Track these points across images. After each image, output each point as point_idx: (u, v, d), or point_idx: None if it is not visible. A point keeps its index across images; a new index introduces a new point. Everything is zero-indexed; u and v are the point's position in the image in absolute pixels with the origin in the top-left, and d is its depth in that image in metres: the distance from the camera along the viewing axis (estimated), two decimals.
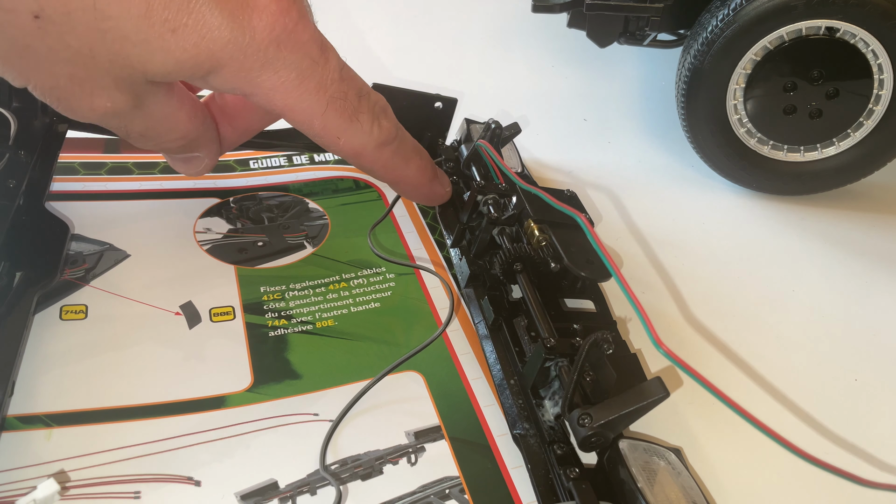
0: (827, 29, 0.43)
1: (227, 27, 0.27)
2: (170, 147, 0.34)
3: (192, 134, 0.33)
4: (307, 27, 0.29)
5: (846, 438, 0.35)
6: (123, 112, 0.29)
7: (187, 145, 0.34)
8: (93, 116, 0.29)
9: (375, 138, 0.34)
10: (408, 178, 0.37)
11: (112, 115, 0.29)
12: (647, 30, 0.51)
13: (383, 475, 0.31)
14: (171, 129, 0.32)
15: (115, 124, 0.30)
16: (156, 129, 0.31)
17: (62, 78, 0.27)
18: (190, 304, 0.38)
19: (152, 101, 0.30)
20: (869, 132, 0.46)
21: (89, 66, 0.26)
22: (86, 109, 0.28)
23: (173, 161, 0.36)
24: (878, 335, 0.41)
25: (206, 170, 0.36)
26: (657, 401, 0.28)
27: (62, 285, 0.38)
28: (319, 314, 0.39)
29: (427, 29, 0.72)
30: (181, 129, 0.32)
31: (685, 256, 0.46)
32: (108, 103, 0.28)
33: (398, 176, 0.37)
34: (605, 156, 0.55)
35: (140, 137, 0.32)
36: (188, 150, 0.35)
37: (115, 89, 0.28)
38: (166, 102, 0.30)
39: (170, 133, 0.32)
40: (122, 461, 0.31)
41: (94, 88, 0.27)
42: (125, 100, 0.28)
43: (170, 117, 0.31)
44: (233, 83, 0.29)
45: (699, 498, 0.29)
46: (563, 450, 0.30)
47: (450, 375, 0.36)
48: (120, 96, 0.28)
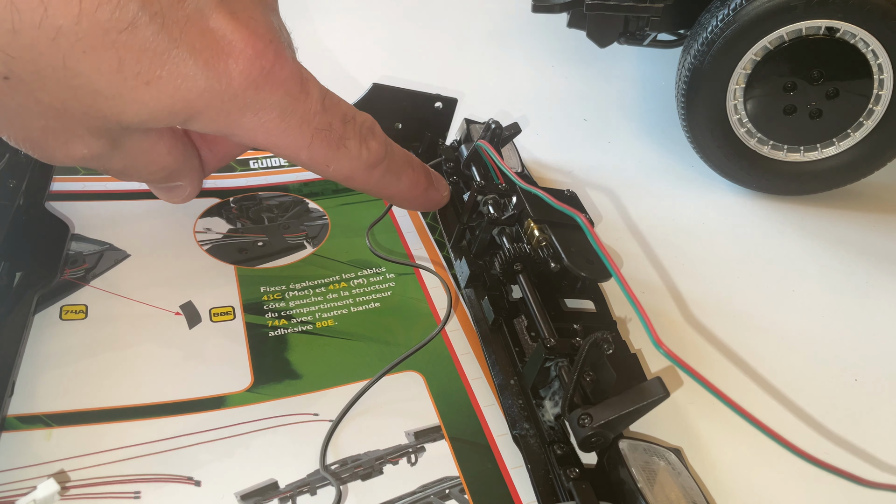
0: (827, 29, 0.43)
1: (202, 76, 0.26)
2: (151, 179, 0.33)
3: (172, 166, 0.33)
4: (285, 64, 0.29)
5: (846, 438, 0.35)
6: (101, 156, 0.29)
7: (169, 176, 0.34)
8: (70, 162, 0.29)
9: (364, 161, 0.34)
10: (401, 193, 0.37)
11: (89, 158, 0.29)
12: (647, 30, 0.51)
13: (383, 475, 0.31)
14: (150, 162, 0.32)
15: (93, 165, 0.30)
16: (135, 165, 0.31)
17: (35, 130, 0.27)
18: (190, 303, 0.38)
19: (129, 142, 0.30)
20: (869, 132, 0.46)
21: (62, 119, 0.26)
22: (62, 157, 0.28)
23: (156, 190, 0.36)
24: (878, 335, 0.41)
25: (189, 198, 0.36)
26: (657, 401, 0.28)
27: (62, 285, 0.38)
28: (319, 314, 0.39)
29: (427, 29, 0.72)
30: (160, 163, 0.32)
31: (685, 256, 0.46)
32: (84, 150, 0.28)
33: (391, 192, 0.37)
34: (605, 156, 0.55)
35: (120, 174, 0.32)
36: (170, 181, 0.34)
37: (90, 136, 0.28)
38: (144, 140, 0.30)
39: (150, 166, 0.32)
40: (122, 461, 0.31)
41: (68, 138, 0.27)
42: (101, 145, 0.28)
43: (148, 152, 0.31)
44: (212, 127, 0.29)
45: (699, 498, 0.29)
46: (563, 450, 0.30)
47: (450, 375, 0.36)
48: (95, 142, 0.28)
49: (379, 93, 0.44)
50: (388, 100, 0.45)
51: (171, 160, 0.33)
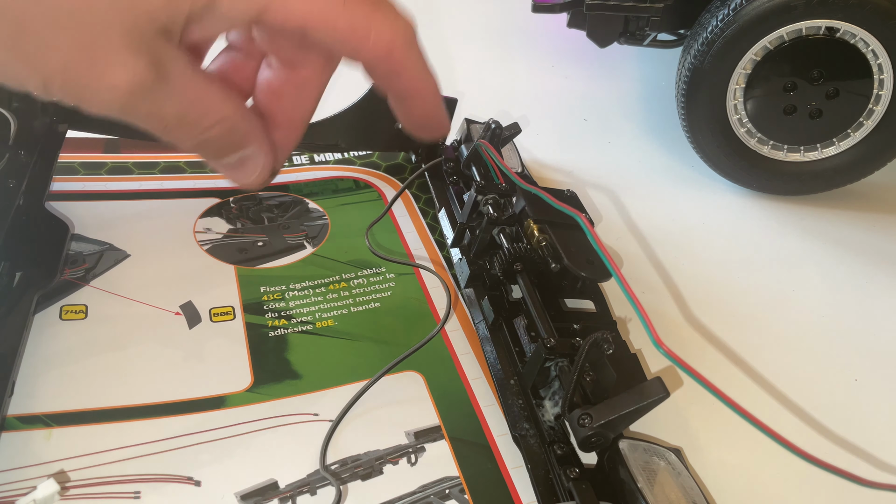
0: (827, 29, 0.43)
1: None
2: (213, 138, 0.31)
3: (232, 116, 0.30)
4: None
5: (846, 438, 0.35)
6: (148, 85, 0.27)
7: (232, 135, 0.31)
8: (117, 98, 0.27)
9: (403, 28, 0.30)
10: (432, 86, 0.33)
11: (138, 91, 0.27)
12: (647, 30, 0.51)
13: (383, 475, 0.31)
14: (207, 109, 0.30)
15: (145, 109, 0.28)
16: (191, 110, 0.29)
17: (66, 51, 0.24)
18: (190, 304, 0.38)
19: (176, 71, 0.28)
20: (869, 132, 0.46)
21: (91, 24, 0.24)
22: (106, 90, 0.26)
23: (226, 169, 0.34)
24: (878, 335, 0.41)
25: (264, 173, 0.34)
26: (657, 401, 0.28)
27: (62, 285, 0.38)
28: (319, 314, 0.39)
29: (427, 29, 0.71)
30: (218, 109, 0.30)
31: (685, 256, 0.46)
32: (126, 74, 0.25)
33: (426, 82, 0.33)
34: (605, 156, 0.55)
35: (178, 123, 0.29)
36: (235, 146, 0.32)
37: (128, 51, 0.25)
38: (192, 74, 0.29)
39: (208, 115, 0.30)
40: (122, 461, 0.31)
41: (106, 55, 0.25)
42: (144, 65, 0.25)
43: (202, 94, 0.29)
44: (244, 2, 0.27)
45: (699, 498, 0.29)
46: (563, 450, 0.30)
47: (450, 375, 0.36)
48: (137, 61, 0.25)
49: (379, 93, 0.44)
50: None
51: (230, 109, 0.30)
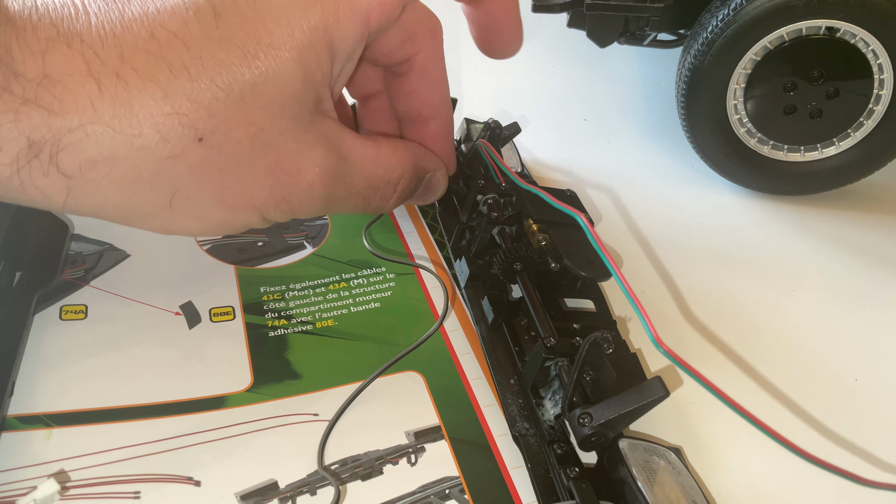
0: (827, 29, 0.43)
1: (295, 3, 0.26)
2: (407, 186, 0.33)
3: (409, 162, 0.32)
4: None
5: (846, 438, 0.35)
6: (335, 171, 0.28)
7: (417, 175, 0.33)
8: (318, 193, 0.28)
9: None
10: None
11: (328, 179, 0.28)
12: (647, 30, 0.51)
13: (383, 475, 0.31)
14: (389, 168, 0.31)
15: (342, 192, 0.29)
16: (376, 175, 0.31)
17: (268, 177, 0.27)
18: (190, 304, 0.38)
19: (350, 150, 0.29)
20: (869, 132, 0.46)
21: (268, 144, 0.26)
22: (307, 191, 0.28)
23: (416, 200, 0.36)
24: (878, 335, 0.41)
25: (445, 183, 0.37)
26: (657, 400, 0.28)
27: (62, 285, 0.38)
28: (319, 314, 0.39)
29: None
30: (398, 163, 0.32)
31: (685, 256, 0.46)
32: (314, 168, 0.28)
33: None
34: (605, 156, 0.55)
35: (372, 191, 0.31)
36: (420, 179, 0.34)
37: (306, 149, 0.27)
38: (363, 145, 0.30)
39: (392, 172, 0.32)
40: (122, 461, 0.31)
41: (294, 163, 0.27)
42: (323, 154, 0.28)
43: (377, 157, 0.31)
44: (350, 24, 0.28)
45: (699, 498, 0.29)
46: (563, 449, 0.30)
47: (450, 375, 0.36)
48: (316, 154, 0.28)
49: None
50: None
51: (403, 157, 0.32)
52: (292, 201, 0.28)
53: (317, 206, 0.29)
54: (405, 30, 0.33)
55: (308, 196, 0.28)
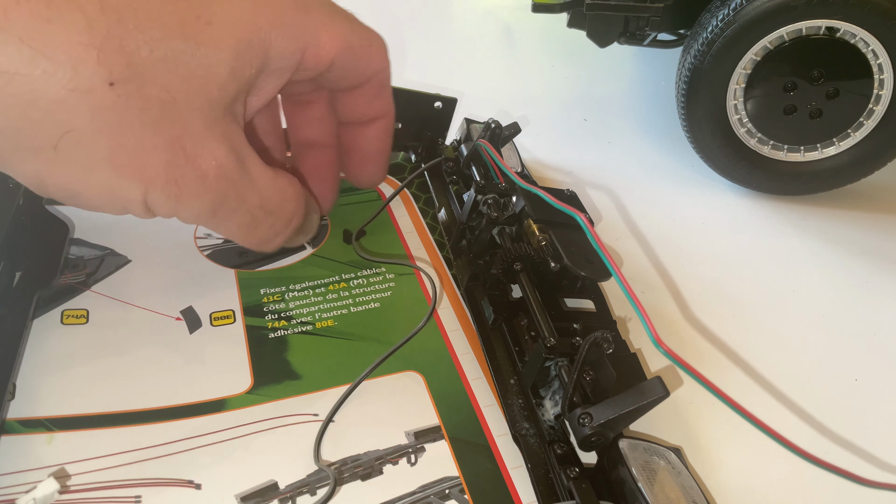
0: (827, 29, 0.43)
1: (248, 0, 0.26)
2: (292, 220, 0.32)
3: (301, 200, 0.32)
4: None
5: (846, 438, 0.35)
6: (231, 173, 0.28)
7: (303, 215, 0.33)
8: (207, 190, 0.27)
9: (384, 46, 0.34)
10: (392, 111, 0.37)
11: (223, 179, 0.28)
12: (647, 30, 0.51)
13: (383, 475, 0.31)
14: (285, 197, 0.31)
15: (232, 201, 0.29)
16: (271, 199, 0.30)
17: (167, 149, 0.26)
18: (190, 308, 0.38)
19: (251, 163, 0.29)
20: (869, 132, 0.46)
21: (177, 116, 0.25)
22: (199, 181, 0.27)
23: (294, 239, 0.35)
24: (878, 335, 0.41)
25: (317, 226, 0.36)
26: (657, 400, 0.28)
27: (64, 289, 0.38)
28: (319, 315, 0.39)
29: (427, 29, 0.72)
30: (293, 195, 0.32)
31: (685, 256, 0.46)
32: (212, 160, 0.27)
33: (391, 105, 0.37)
34: (605, 156, 0.55)
35: (264, 214, 0.30)
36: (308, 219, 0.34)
37: (211, 139, 0.27)
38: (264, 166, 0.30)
39: (288, 203, 0.31)
40: (123, 465, 0.31)
41: (194, 146, 0.26)
42: (225, 152, 0.27)
43: (276, 182, 0.30)
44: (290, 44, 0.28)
45: (699, 498, 0.29)
46: (563, 449, 0.30)
47: (450, 375, 0.36)
48: (219, 147, 0.27)
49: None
50: None
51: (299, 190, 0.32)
52: (181, 186, 0.27)
53: (203, 204, 0.28)
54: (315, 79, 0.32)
55: (198, 188, 0.27)
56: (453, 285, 0.41)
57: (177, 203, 0.27)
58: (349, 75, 0.33)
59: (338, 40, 0.30)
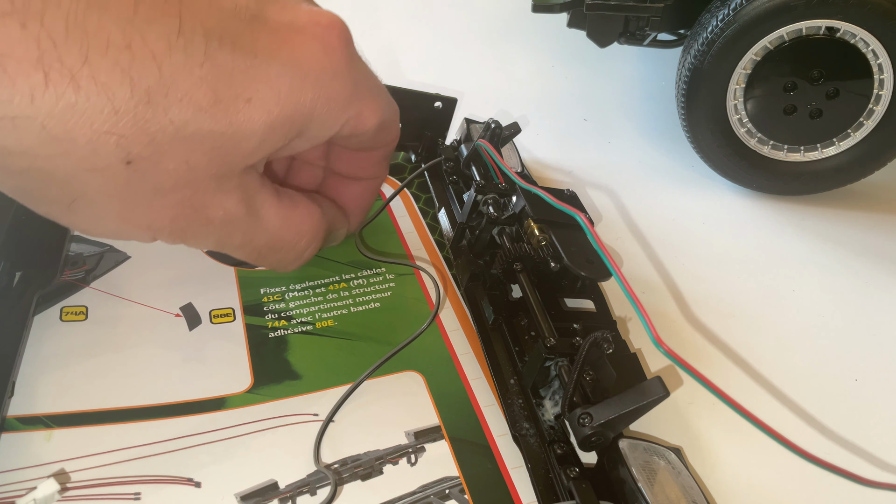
0: (827, 29, 0.43)
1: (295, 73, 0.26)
2: (312, 253, 0.33)
3: (321, 230, 0.32)
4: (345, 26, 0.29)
5: (846, 438, 0.35)
6: (238, 220, 0.28)
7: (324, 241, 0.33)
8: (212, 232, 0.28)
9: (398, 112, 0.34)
10: None
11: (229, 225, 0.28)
12: (647, 30, 0.51)
13: (383, 475, 0.31)
14: (298, 232, 0.31)
15: (237, 240, 0.29)
16: (282, 237, 0.30)
17: (175, 208, 0.26)
18: (190, 305, 0.38)
19: (263, 206, 0.29)
20: (869, 132, 0.46)
21: (192, 182, 0.26)
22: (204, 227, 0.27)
23: None
24: (878, 335, 0.41)
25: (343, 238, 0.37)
26: (657, 400, 0.28)
27: (62, 286, 0.38)
28: (319, 314, 0.39)
29: (427, 29, 0.72)
30: (308, 230, 0.31)
31: (685, 256, 0.46)
32: (220, 211, 0.27)
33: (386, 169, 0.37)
34: (605, 156, 0.55)
35: (271, 251, 0.31)
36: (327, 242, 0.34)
37: (222, 192, 0.27)
38: (278, 206, 0.30)
39: (300, 237, 0.31)
40: (123, 462, 0.31)
41: (204, 200, 0.27)
42: (235, 202, 0.27)
43: (288, 221, 0.30)
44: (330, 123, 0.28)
45: (699, 498, 0.29)
46: (563, 449, 0.30)
47: (450, 375, 0.36)
48: (229, 200, 0.27)
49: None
50: None
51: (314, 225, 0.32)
52: (187, 233, 0.27)
53: (208, 243, 0.29)
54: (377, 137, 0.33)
55: (202, 232, 0.28)
56: (453, 285, 0.41)
57: (182, 241, 0.28)
58: (369, 143, 0.33)
59: (376, 117, 0.30)
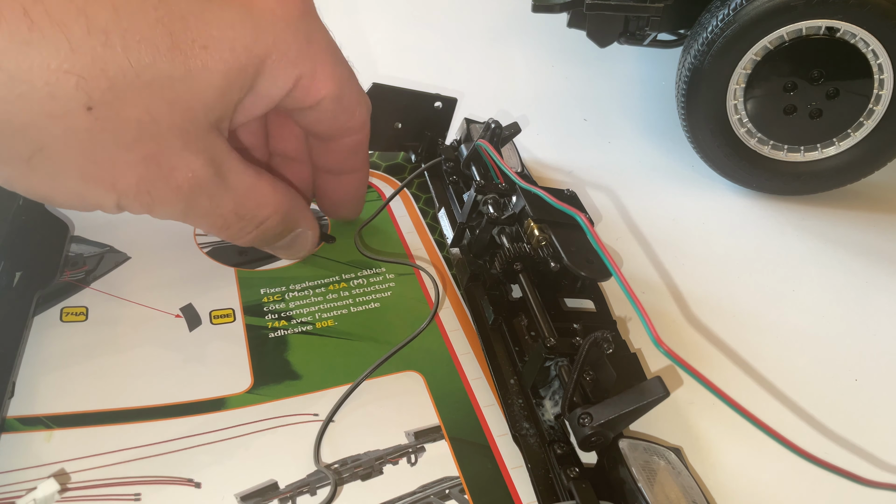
0: (827, 29, 0.43)
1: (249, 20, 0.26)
2: (269, 228, 0.32)
3: (283, 206, 0.32)
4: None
5: (846, 438, 0.35)
6: (206, 183, 0.28)
7: (284, 222, 0.33)
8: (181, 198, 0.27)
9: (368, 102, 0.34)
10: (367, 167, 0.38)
11: (197, 189, 0.28)
12: (647, 30, 0.51)
13: (383, 475, 0.31)
14: (260, 203, 0.31)
15: (205, 206, 0.29)
16: (245, 204, 0.30)
17: (140, 165, 0.25)
18: (190, 306, 0.38)
19: (231, 168, 0.29)
20: (869, 132, 0.46)
21: (156, 135, 0.25)
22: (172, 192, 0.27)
23: (277, 251, 0.36)
24: (878, 335, 0.41)
25: (314, 244, 0.36)
26: (657, 400, 0.28)
27: (63, 287, 0.38)
28: (319, 314, 0.39)
29: (427, 29, 0.72)
30: (270, 202, 0.31)
31: (685, 256, 0.46)
32: (188, 173, 0.27)
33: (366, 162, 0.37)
34: (605, 156, 0.55)
35: (236, 218, 0.31)
36: (288, 230, 0.34)
37: (188, 152, 0.26)
38: (244, 172, 0.30)
39: (262, 209, 0.31)
40: (123, 463, 0.31)
41: (170, 160, 0.26)
42: (202, 163, 0.27)
43: (254, 189, 0.30)
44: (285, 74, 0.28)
45: (699, 498, 0.29)
46: (563, 449, 0.30)
47: (450, 375, 0.36)
48: (196, 160, 0.27)
49: (379, 92, 0.44)
50: (387, 99, 0.45)
51: (281, 200, 0.32)
52: (154, 196, 0.27)
53: (175, 210, 0.28)
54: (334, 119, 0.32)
55: (171, 197, 0.27)
56: (453, 285, 0.41)
57: (149, 209, 0.27)
58: (329, 123, 0.32)
59: (332, 82, 0.30)
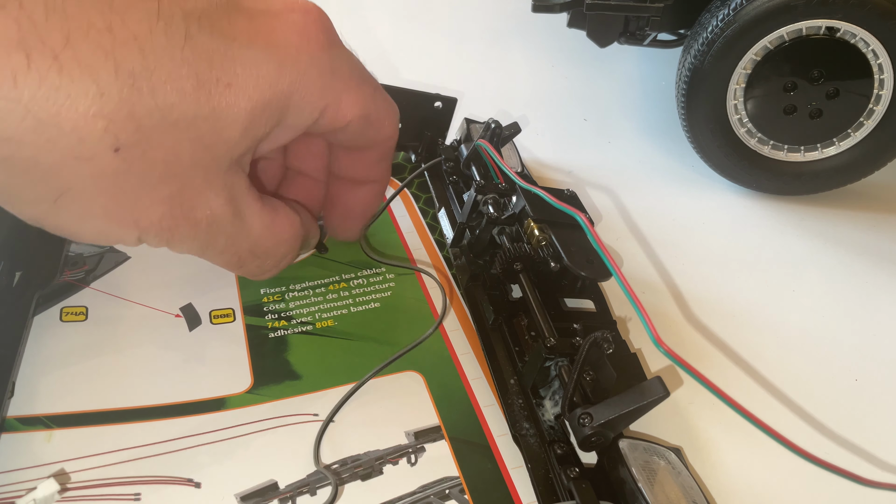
0: (827, 29, 0.43)
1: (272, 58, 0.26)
2: (283, 261, 0.33)
3: (298, 241, 0.32)
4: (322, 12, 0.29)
5: (846, 438, 0.35)
6: (224, 222, 0.28)
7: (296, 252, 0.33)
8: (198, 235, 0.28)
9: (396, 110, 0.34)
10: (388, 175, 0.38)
11: (215, 227, 0.28)
12: (647, 30, 0.51)
13: (383, 475, 0.31)
14: (278, 240, 0.31)
15: (221, 244, 0.29)
16: (261, 244, 0.31)
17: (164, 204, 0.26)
18: (190, 306, 0.38)
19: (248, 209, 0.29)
20: (869, 132, 0.46)
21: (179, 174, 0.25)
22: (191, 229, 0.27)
23: None
24: (878, 335, 0.41)
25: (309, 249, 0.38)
26: (657, 400, 0.28)
27: (62, 287, 0.38)
28: (319, 314, 0.39)
29: (427, 29, 0.72)
30: (288, 239, 0.32)
31: (685, 256, 0.46)
32: (207, 211, 0.27)
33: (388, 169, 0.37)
34: (605, 156, 0.55)
35: (251, 256, 0.31)
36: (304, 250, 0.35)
37: (209, 190, 0.27)
38: (262, 211, 0.30)
39: (280, 245, 0.31)
40: (123, 463, 0.31)
41: (192, 199, 0.26)
42: (222, 203, 0.27)
43: (270, 228, 0.30)
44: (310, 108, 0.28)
45: (699, 498, 0.29)
46: (563, 449, 0.30)
47: (450, 375, 0.36)
48: (216, 199, 0.27)
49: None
50: None
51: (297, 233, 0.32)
52: (174, 234, 0.27)
53: (193, 246, 0.29)
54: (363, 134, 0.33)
55: (189, 234, 0.27)
56: (454, 285, 0.41)
57: (168, 244, 0.28)
58: (358, 139, 0.33)
59: (358, 107, 0.30)
